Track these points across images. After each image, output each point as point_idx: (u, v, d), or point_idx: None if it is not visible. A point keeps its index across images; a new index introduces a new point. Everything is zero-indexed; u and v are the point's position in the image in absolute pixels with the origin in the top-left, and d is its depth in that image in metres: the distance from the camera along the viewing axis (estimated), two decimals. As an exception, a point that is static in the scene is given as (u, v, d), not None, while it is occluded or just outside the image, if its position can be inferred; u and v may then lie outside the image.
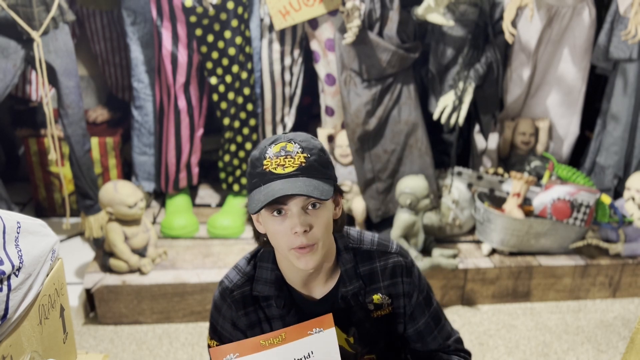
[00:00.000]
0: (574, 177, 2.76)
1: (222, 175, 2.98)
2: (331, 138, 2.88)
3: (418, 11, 2.51)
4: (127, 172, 3.18)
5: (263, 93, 2.82)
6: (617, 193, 2.99)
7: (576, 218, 2.61)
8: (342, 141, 2.80)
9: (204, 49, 2.60)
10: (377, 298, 1.33)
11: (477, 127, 2.99)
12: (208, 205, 3.13)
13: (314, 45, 2.75)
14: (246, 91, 2.73)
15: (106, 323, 2.51)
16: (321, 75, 2.80)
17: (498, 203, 2.82)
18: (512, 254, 2.72)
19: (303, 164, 1.16)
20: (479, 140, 3.06)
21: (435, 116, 2.69)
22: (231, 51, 2.61)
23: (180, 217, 2.81)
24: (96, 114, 3.19)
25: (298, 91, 2.91)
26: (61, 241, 2.85)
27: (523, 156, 3.08)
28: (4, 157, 3.34)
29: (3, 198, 2.41)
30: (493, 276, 2.65)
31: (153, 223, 2.94)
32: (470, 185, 2.87)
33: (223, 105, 2.74)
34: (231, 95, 2.72)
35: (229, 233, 2.80)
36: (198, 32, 2.56)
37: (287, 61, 2.77)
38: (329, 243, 1.26)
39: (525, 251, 2.71)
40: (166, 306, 2.51)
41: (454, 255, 2.64)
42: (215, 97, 2.73)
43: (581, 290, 2.73)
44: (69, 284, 2.50)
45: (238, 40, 2.60)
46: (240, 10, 2.57)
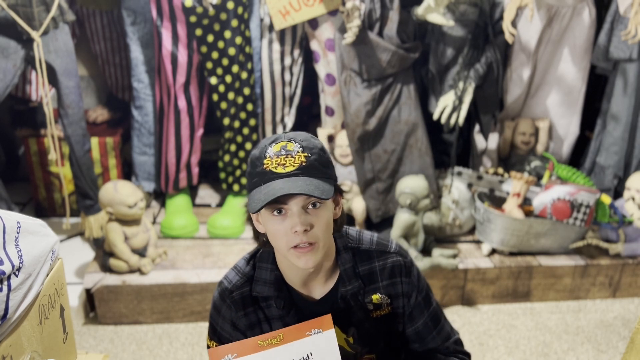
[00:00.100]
0: (574, 177, 2.76)
1: (222, 175, 2.98)
2: (331, 138, 2.88)
3: (418, 11, 2.51)
4: (127, 172, 3.18)
5: (263, 93, 2.82)
6: (617, 193, 2.99)
7: (576, 218, 2.61)
8: (342, 141, 2.80)
9: (204, 49, 2.60)
10: (377, 298, 1.33)
11: (477, 127, 2.99)
12: (208, 205, 3.13)
13: (314, 45, 2.75)
14: (246, 91, 2.73)
15: (106, 323, 2.51)
16: (321, 75, 2.80)
17: (498, 203, 2.82)
18: (512, 254, 2.72)
19: (304, 164, 1.16)
20: (479, 140, 3.06)
21: (435, 116, 2.69)
22: (231, 51, 2.61)
23: (180, 217, 2.81)
24: (96, 114, 3.19)
25: (298, 91, 2.91)
26: (61, 241, 2.85)
27: (523, 156, 3.08)
28: (4, 157, 3.34)
29: (3, 198, 2.41)
30: (493, 276, 2.65)
31: (153, 223, 2.94)
32: (470, 185, 2.87)
33: (223, 105, 2.74)
34: (231, 95, 2.72)
35: (229, 233, 2.80)
36: (198, 32, 2.56)
37: (287, 61, 2.77)
38: (329, 242, 1.26)
39: (525, 251, 2.71)
40: (166, 306, 2.51)
41: (454, 255, 2.64)
42: (215, 97, 2.73)
43: (581, 290, 2.73)
44: (69, 284, 2.50)
45: (238, 40, 2.60)
46: (240, 10, 2.57)
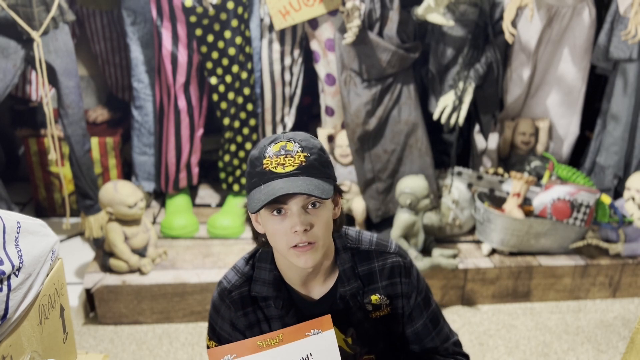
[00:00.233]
0: (574, 177, 2.76)
1: (222, 175, 2.98)
2: (331, 138, 2.88)
3: (418, 11, 2.51)
4: (127, 172, 3.18)
5: (263, 93, 2.82)
6: (617, 193, 2.99)
7: (576, 218, 2.61)
8: (342, 141, 2.80)
9: (204, 49, 2.60)
10: (376, 299, 1.32)
11: (477, 127, 2.99)
12: (208, 205, 3.13)
13: (314, 45, 2.75)
14: (246, 91, 2.74)
15: (106, 323, 2.51)
16: (321, 75, 2.80)
17: (498, 203, 2.82)
18: (512, 254, 2.72)
19: (303, 163, 1.16)
20: (479, 140, 3.06)
21: (435, 116, 2.69)
22: (231, 51, 2.61)
23: (180, 217, 2.81)
24: (96, 114, 3.19)
25: (298, 91, 2.91)
26: (61, 241, 2.85)
27: (523, 156, 3.08)
28: (4, 157, 3.34)
29: (3, 198, 2.41)
30: (493, 276, 2.65)
31: (153, 223, 2.94)
32: (470, 185, 2.87)
33: (223, 105, 2.74)
34: (231, 95, 2.72)
35: (229, 233, 2.80)
36: (198, 32, 2.56)
37: (287, 61, 2.77)
38: (328, 242, 1.26)
39: (525, 251, 2.71)
40: (166, 306, 2.51)
41: (454, 255, 2.64)
42: (215, 97, 2.73)
43: (581, 290, 2.73)
44: (69, 284, 2.50)
45: (238, 40, 2.60)
46: (240, 10, 2.57)
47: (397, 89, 2.64)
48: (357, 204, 2.79)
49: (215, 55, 2.62)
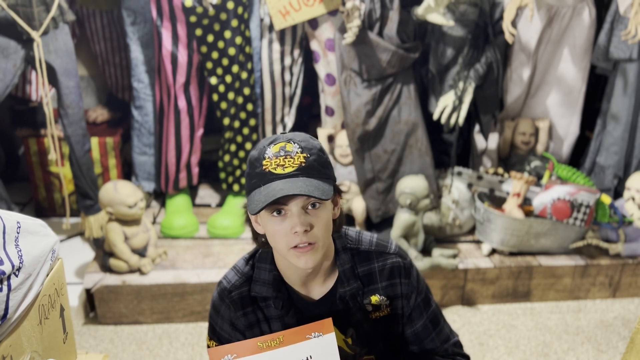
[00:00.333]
0: (574, 177, 2.76)
1: (222, 175, 2.98)
2: (331, 138, 2.88)
3: (418, 11, 2.51)
4: (127, 172, 3.18)
5: (263, 93, 2.82)
6: (617, 193, 2.99)
7: (576, 218, 2.61)
8: (342, 141, 2.80)
9: (204, 49, 2.60)
10: (375, 299, 1.32)
11: (477, 127, 2.99)
12: (208, 205, 3.13)
13: (314, 45, 2.75)
14: (246, 91, 2.74)
15: (106, 323, 2.51)
16: (321, 75, 2.80)
17: (498, 203, 2.82)
18: (512, 254, 2.72)
19: (303, 164, 1.16)
20: (479, 140, 3.06)
21: (435, 116, 2.69)
22: (231, 51, 2.61)
23: (180, 217, 2.81)
24: (96, 114, 3.19)
25: (298, 91, 2.91)
26: (61, 241, 2.85)
27: (523, 156, 3.08)
28: (4, 157, 3.35)
29: (3, 198, 2.41)
30: (493, 276, 2.65)
31: (153, 223, 2.94)
32: (470, 185, 2.87)
33: (223, 105, 2.74)
34: (231, 95, 2.72)
35: (229, 233, 2.80)
36: (198, 32, 2.56)
37: (287, 61, 2.77)
38: (328, 242, 1.26)
39: (525, 251, 2.71)
40: (166, 306, 2.51)
41: (454, 255, 2.64)
42: (215, 97, 2.73)
43: (581, 290, 2.73)
44: (69, 284, 2.50)
45: (238, 40, 2.61)
46: (240, 10, 2.57)
47: (397, 89, 2.64)
48: (357, 204, 2.79)
49: (215, 55, 2.62)
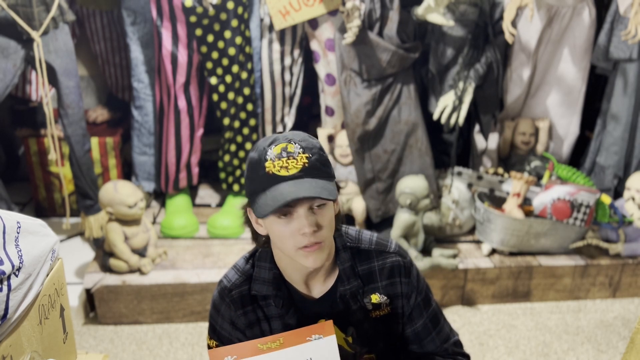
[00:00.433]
0: (574, 177, 2.76)
1: (222, 175, 2.98)
2: (331, 138, 2.89)
3: (418, 11, 2.51)
4: (127, 172, 3.18)
5: (263, 93, 2.82)
6: (617, 193, 2.99)
7: (576, 218, 2.61)
8: (342, 141, 2.80)
9: (204, 49, 2.60)
10: (376, 298, 1.32)
11: (477, 127, 2.99)
12: (208, 205, 3.13)
13: (314, 45, 2.75)
14: (246, 91, 2.74)
15: (106, 323, 2.51)
16: (321, 75, 2.80)
17: (498, 203, 2.82)
18: (512, 254, 2.72)
19: (306, 165, 1.15)
20: (479, 140, 3.06)
21: (435, 116, 2.69)
22: (231, 51, 2.61)
23: (180, 217, 2.81)
24: (96, 114, 3.19)
25: (298, 91, 2.91)
26: (61, 241, 2.85)
27: (523, 156, 3.08)
28: (4, 157, 3.35)
29: (3, 198, 2.41)
30: (493, 276, 2.65)
31: (153, 223, 2.94)
32: (470, 185, 2.87)
33: (223, 105, 2.74)
34: (231, 95, 2.72)
35: (229, 233, 2.80)
36: (198, 32, 2.56)
37: (287, 61, 2.77)
38: (332, 240, 1.27)
39: (525, 251, 2.71)
40: (166, 306, 2.51)
41: (454, 255, 2.64)
42: (215, 97, 2.73)
43: (581, 290, 2.73)
44: (69, 284, 2.50)
45: (238, 40, 2.61)
46: (240, 10, 2.57)
47: (397, 89, 2.64)
48: (357, 204, 2.79)
49: (215, 55, 2.62)
